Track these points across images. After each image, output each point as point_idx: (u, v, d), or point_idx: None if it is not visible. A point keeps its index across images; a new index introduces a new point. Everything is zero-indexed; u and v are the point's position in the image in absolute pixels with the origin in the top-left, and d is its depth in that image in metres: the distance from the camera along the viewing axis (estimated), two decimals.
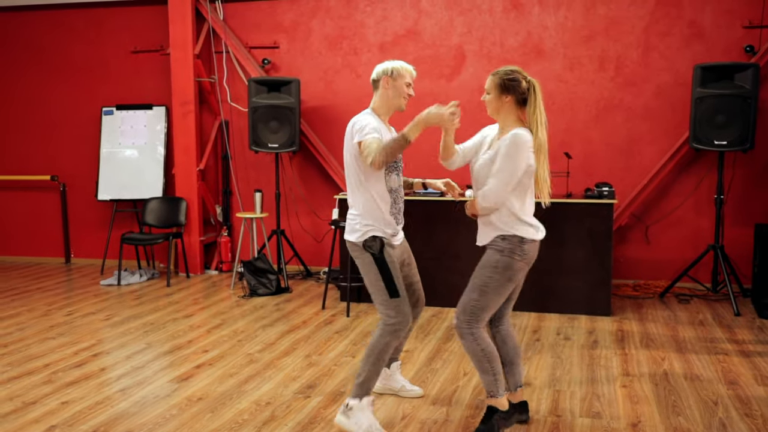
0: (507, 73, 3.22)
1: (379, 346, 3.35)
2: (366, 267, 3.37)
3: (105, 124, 7.68)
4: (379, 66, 3.49)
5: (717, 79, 5.75)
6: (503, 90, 3.21)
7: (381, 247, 3.31)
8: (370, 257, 3.33)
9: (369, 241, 3.33)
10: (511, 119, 3.24)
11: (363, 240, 3.34)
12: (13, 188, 8.22)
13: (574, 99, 6.55)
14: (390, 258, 3.34)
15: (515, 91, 3.19)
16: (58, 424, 3.56)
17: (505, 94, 3.20)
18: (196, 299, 6.31)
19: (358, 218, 3.39)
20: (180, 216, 7.21)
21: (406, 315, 3.35)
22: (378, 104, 3.47)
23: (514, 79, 3.19)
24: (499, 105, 3.24)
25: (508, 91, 3.20)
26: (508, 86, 3.19)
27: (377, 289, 3.35)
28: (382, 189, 3.35)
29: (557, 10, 6.51)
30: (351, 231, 3.41)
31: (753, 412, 3.62)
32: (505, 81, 3.19)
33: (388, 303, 3.33)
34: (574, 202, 5.61)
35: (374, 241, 3.32)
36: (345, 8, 7.01)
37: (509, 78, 3.20)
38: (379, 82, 3.46)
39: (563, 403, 3.78)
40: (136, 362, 4.54)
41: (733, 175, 6.25)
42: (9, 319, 5.66)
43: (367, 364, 3.35)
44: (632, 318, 5.50)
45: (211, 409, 3.73)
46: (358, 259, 3.40)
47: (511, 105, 3.22)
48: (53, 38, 7.88)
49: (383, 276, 3.31)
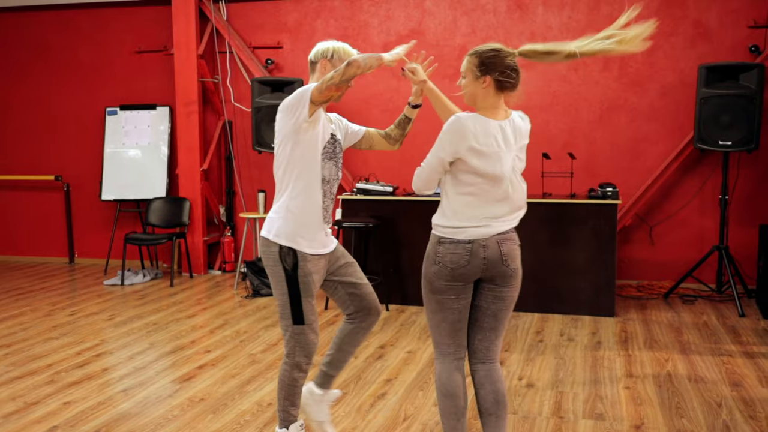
0: (487, 49, 2.64)
1: (286, 381, 2.92)
2: (276, 281, 2.89)
3: (109, 124, 7.69)
4: (319, 45, 2.98)
5: (722, 79, 5.73)
6: (481, 70, 2.62)
7: (295, 264, 2.83)
8: (282, 271, 2.85)
9: (285, 250, 2.84)
10: (487, 106, 2.66)
11: (280, 245, 2.85)
12: (17, 188, 8.24)
13: (579, 99, 6.53)
14: (305, 278, 2.85)
15: (495, 70, 2.60)
16: (60, 424, 3.56)
17: (483, 75, 2.62)
18: (199, 299, 6.31)
19: (281, 215, 2.90)
20: (183, 216, 7.22)
21: (306, 345, 2.87)
22: None
23: (496, 55, 2.62)
24: (473, 90, 2.66)
25: (487, 71, 2.61)
26: (487, 64, 2.61)
27: (283, 308, 2.88)
28: (316, 174, 2.88)
29: (561, 10, 6.49)
30: (268, 229, 2.92)
31: (757, 414, 3.60)
32: (485, 58, 2.62)
33: (289, 328, 2.87)
34: (578, 202, 5.59)
35: (289, 253, 2.84)
36: (349, 8, 7.00)
37: (490, 54, 2.62)
38: (316, 65, 2.95)
39: (566, 404, 3.77)
40: (139, 363, 4.54)
41: (738, 176, 6.22)
42: (12, 318, 5.67)
43: (280, 400, 2.96)
44: (636, 319, 5.48)
45: (213, 410, 3.73)
46: (269, 267, 2.90)
47: (489, 89, 2.63)
48: (57, 38, 7.89)
49: (290, 297, 2.84)
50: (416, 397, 3.88)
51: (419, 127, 4.70)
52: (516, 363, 4.45)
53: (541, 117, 6.61)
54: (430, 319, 2.75)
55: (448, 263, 2.63)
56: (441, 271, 2.64)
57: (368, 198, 5.96)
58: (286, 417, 2.99)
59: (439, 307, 2.69)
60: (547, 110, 6.59)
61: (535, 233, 5.64)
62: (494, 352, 2.79)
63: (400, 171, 6.63)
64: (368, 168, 6.60)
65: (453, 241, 2.64)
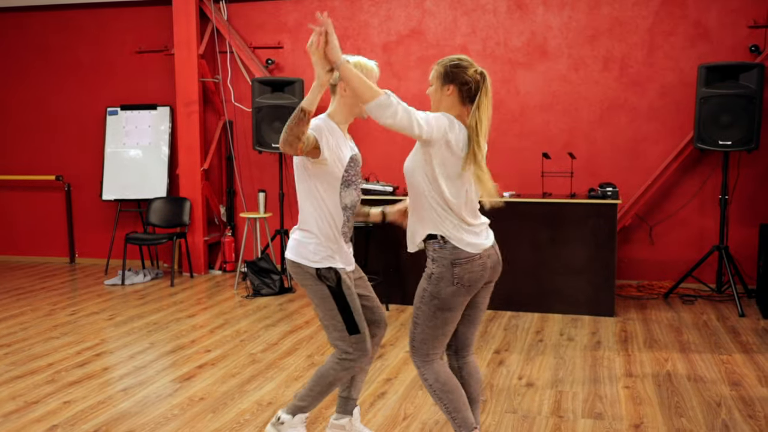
0: (452, 59, 2.75)
1: (329, 379, 2.99)
2: (319, 299, 2.92)
3: (109, 124, 7.70)
4: None
5: (722, 79, 5.73)
6: (445, 79, 2.72)
7: (338, 279, 2.89)
8: (325, 289, 2.89)
9: (325, 272, 2.88)
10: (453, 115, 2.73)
11: (317, 268, 2.89)
12: (18, 188, 8.25)
13: (579, 99, 6.53)
14: (349, 290, 2.91)
15: (457, 80, 2.70)
16: (60, 423, 3.57)
17: (447, 84, 2.71)
18: (199, 299, 6.32)
19: (312, 240, 2.91)
20: (184, 216, 7.23)
21: (366, 351, 2.95)
22: (334, 110, 2.94)
23: (459, 65, 2.71)
24: (438, 98, 2.75)
25: (451, 80, 2.71)
26: (451, 74, 2.71)
27: (333, 323, 2.92)
28: (335, 203, 2.91)
29: (561, 10, 6.50)
30: (299, 253, 2.92)
31: (756, 414, 3.60)
32: (449, 69, 2.71)
33: (345, 339, 2.91)
34: (577, 202, 5.59)
35: (329, 272, 2.88)
36: (349, 8, 7.01)
37: (454, 65, 2.72)
38: (336, 87, 2.92)
39: (565, 403, 3.77)
40: (139, 362, 4.54)
41: (738, 176, 6.22)
42: (13, 318, 5.68)
43: (311, 392, 3.03)
44: (636, 319, 5.49)
45: (212, 409, 3.73)
46: (308, 287, 2.94)
47: (453, 98, 2.72)
48: (58, 38, 7.91)
49: (341, 311, 2.89)
50: (416, 397, 3.89)
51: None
52: (516, 362, 4.46)
53: (542, 117, 6.62)
54: (430, 330, 2.77)
55: (466, 282, 2.73)
56: (459, 290, 2.73)
57: (368, 198, 5.95)
58: (300, 407, 3.06)
59: (446, 322, 2.77)
60: (548, 110, 6.60)
61: (535, 233, 5.65)
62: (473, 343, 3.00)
63: (400, 171, 6.61)
64: (368, 168, 6.60)
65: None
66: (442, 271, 2.72)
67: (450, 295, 2.71)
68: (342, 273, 2.91)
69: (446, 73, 2.71)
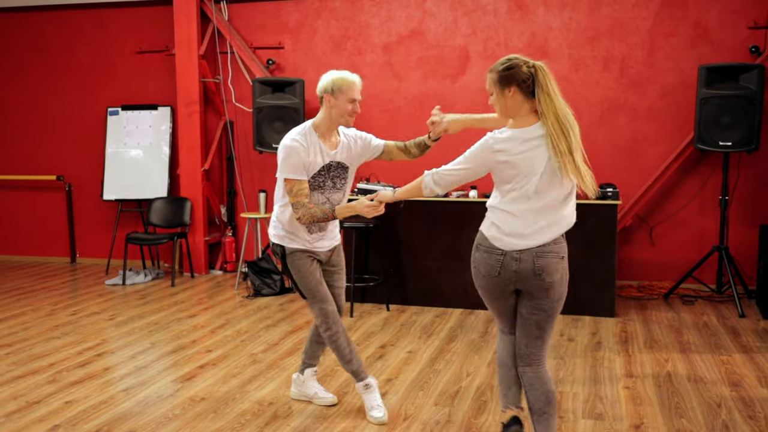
0: (502, 63, 2.78)
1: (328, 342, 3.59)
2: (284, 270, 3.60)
3: (110, 125, 7.71)
4: (323, 78, 3.34)
5: (722, 80, 5.74)
6: (502, 84, 2.77)
7: (283, 255, 3.49)
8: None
9: (276, 248, 3.53)
10: (524, 113, 2.79)
11: (274, 243, 3.54)
12: (18, 188, 8.25)
13: (579, 100, 6.54)
14: (298, 266, 3.48)
15: (515, 81, 2.74)
16: (61, 423, 3.58)
17: (506, 87, 2.76)
18: (200, 299, 6.33)
19: (277, 224, 3.56)
20: (185, 216, 7.23)
21: (329, 315, 3.49)
22: (319, 121, 3.38)
23: (511, 66, 2.75)
24: (504, 102, 2.79)
25: (508, 83, 2.75)
26: (507, 77, 2.75)
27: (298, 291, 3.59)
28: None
29: (562, 11, 6.50)
30: (272, 231, 3.60)
31: (756, 414, 3.61)
32: (503, 73, 2.76)
33: (310, 305, 3.54)
34: (578, 202, 5.57)
35: (278, 248, 3.52)
36: (350, 9, 7.01)
37: (506, 67, 2.76)
38: (322, 99, 3.34)
39: (566, 404, 3.78)
40: (140, 362, 4.55)
41: (738, 176, 6.23)
42: (14, 318, 5.68)
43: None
44: (636, 319, 5.49)
45: (213, 410, 3.74)
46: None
47: (517, 97, 2.76)
48: (59, 39, 7.91)
49: (293, 282, 3.54)
50: (416, 397, 3.89)
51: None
52: None
53: None
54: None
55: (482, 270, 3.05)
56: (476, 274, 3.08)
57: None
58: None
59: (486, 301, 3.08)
60: None
61: None
62: (538, 356, 2.96)
63: (400, 171, 6.64)
64: (369, 168, 6.60)
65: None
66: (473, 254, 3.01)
67: (473, 276, 3.04)
68: (292, 249, 3.47)
69: (501, 78, 2.78)
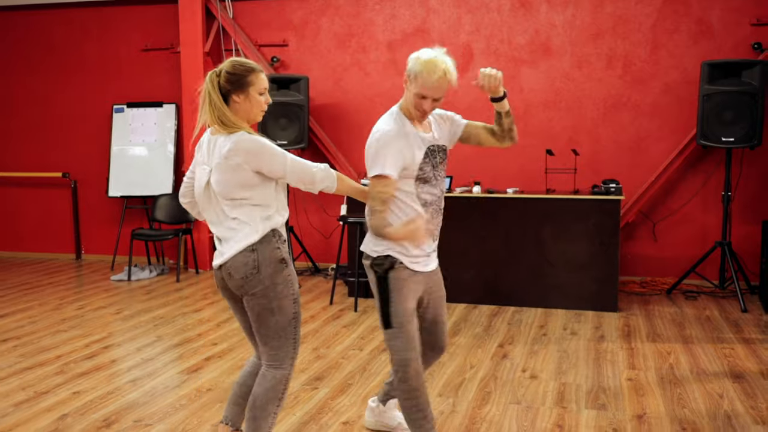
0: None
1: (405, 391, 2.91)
2: (372, 286, 2.91)
3: (116, 122, 7.76)
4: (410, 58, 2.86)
5: (724, 76, 5.76)
6: None
7: (389, 268, 2.81)
8: (374, 276, 2.86)
9: (380, 259, 2.83)
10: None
11: (374, 257, 2.85)
12: (25, 185, 8.31)
13: (582, 97, 6.57)
14: (397, 283, 2.81)
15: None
16: (69, 413, 3.62)
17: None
18: (205, 294, 6.37)
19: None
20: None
21: (403, 352, 2.84)
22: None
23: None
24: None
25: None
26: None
27: (379, 314, 2.89)
28: (413, 200, 2.83)
29: (565, 8, 6.53)
30: (368, 240, 2.90)
31: (758, 405, 3.64)
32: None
33: (385, 333, 2.87)
34: (581, 198, 5.63)
35: (385, 260, 2.82)
36: (354, 6, 7.05)
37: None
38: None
39: (569, 395, 3.81)
40: (146, 354, 4.59)
41: (741, 172, 6.25)
42: (21, 312, 5.73)
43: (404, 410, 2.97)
44: (639, 314, 5.52)
45: (219, 400, 3.78)
46: (369, 274, 2.93)
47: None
48: (65, 36, 7.96)
49: (381, 300, 2.84)
50: None
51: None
52: (519, 355, 4.49)
53: (545, 114, 6.66)
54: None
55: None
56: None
57: None
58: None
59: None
60: (551, 107, 6.64)
61: (539, 229, 5.69)
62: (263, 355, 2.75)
63: None
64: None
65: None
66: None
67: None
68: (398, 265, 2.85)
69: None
